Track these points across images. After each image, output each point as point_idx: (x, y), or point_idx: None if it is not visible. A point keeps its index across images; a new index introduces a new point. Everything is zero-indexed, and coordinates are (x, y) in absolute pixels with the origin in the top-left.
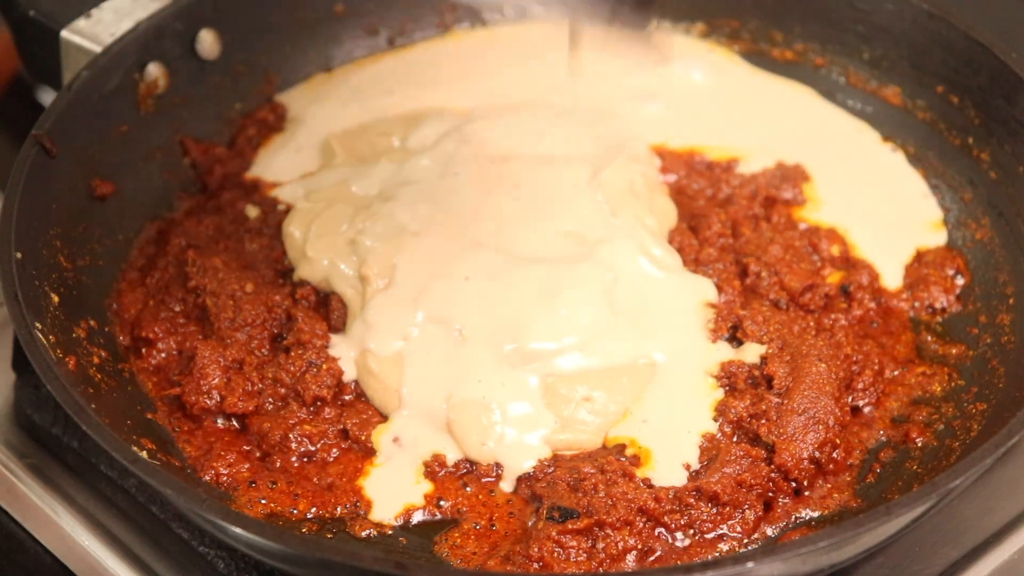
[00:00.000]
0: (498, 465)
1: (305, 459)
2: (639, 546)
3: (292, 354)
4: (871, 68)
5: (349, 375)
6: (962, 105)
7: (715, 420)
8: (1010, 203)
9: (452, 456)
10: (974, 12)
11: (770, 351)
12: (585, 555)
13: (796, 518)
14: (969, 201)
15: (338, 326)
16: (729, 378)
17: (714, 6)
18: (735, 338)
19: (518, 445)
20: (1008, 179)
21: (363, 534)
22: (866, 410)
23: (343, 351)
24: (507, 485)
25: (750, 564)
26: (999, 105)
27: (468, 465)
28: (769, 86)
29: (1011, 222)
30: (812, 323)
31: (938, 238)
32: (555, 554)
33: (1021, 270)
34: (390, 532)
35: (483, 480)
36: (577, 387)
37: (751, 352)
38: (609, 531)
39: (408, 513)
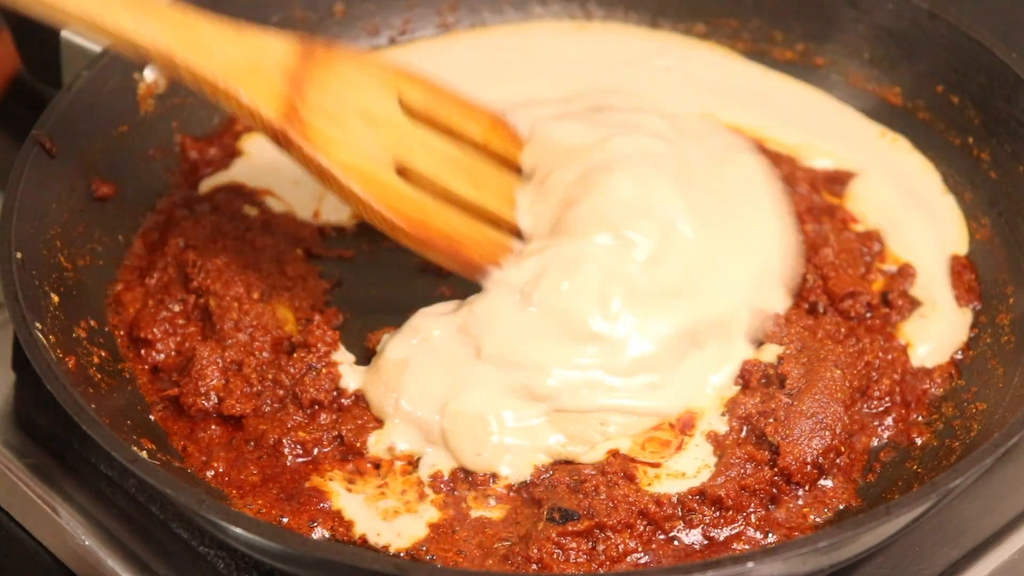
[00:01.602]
0: (495, 475)
1: (299, 463)
2: (639, 549)
3: (295, 356)
4: (871, 68)
5: (349, 382)
6: (962, 105)
7: (723, 415)
8: (1010, 203)
9: (448, 464)
10: (974, 12)
11: (788, 352)
12: (585, 557)
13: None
14: (969, 201)
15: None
16: (744, 376)
17: (714, 6)
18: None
19: (516, 457)
20: (1008, 179)
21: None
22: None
23: (347, 356)
24: (505, 490)
25: (750, 564)
26: (999, 105)
27: (463, 473)
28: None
29: (1011, 222)
30: (844, 329)
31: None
32: (554, 555)
33: (1021, 270)
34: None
35: (480, 487)
36: (592, 416)
37: (769, 352)
38: (610, 533)
39: (406, 526)
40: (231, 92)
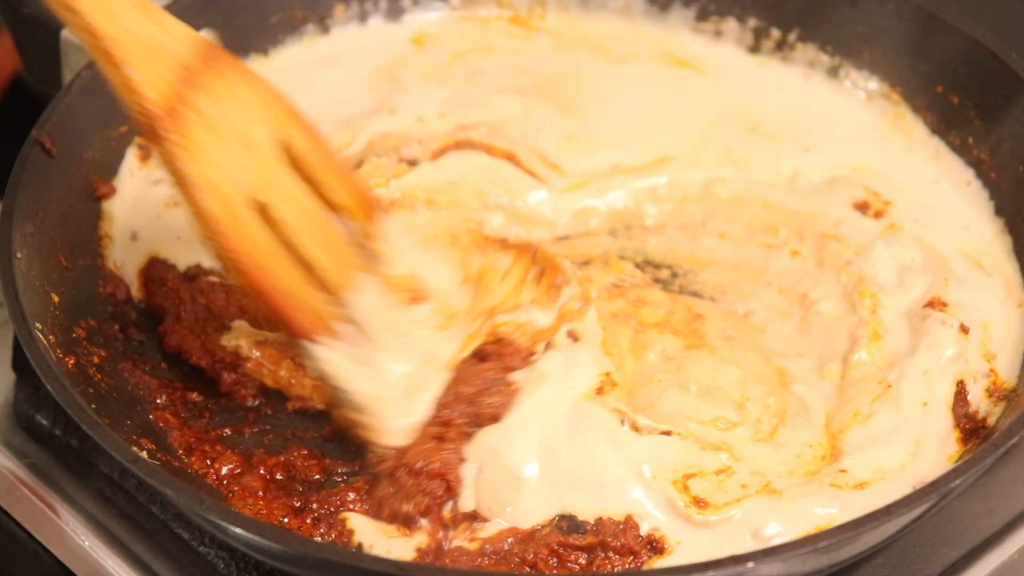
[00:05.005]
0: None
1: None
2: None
3: None
4: (871, 68)
5: None
6: (962, 105)
7: None
8: (1010, 203)
9: None
10: (974, 12)
11: None
12: (579, 568)
13: None
14: None
15: None
16: None
17: (714, 5)
18: None
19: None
20: (1008, 179)
21: None
22: None
23: None
24: None
25: (750, 564)
26: (999, 105)
27: None
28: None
29: (1011, 222)
30: None
31: None
32: (550, 562)
33: (1021, 271)
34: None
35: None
36: None
37: None
38: (611, 554)
39: (396, 547)
40: (122, 62)
